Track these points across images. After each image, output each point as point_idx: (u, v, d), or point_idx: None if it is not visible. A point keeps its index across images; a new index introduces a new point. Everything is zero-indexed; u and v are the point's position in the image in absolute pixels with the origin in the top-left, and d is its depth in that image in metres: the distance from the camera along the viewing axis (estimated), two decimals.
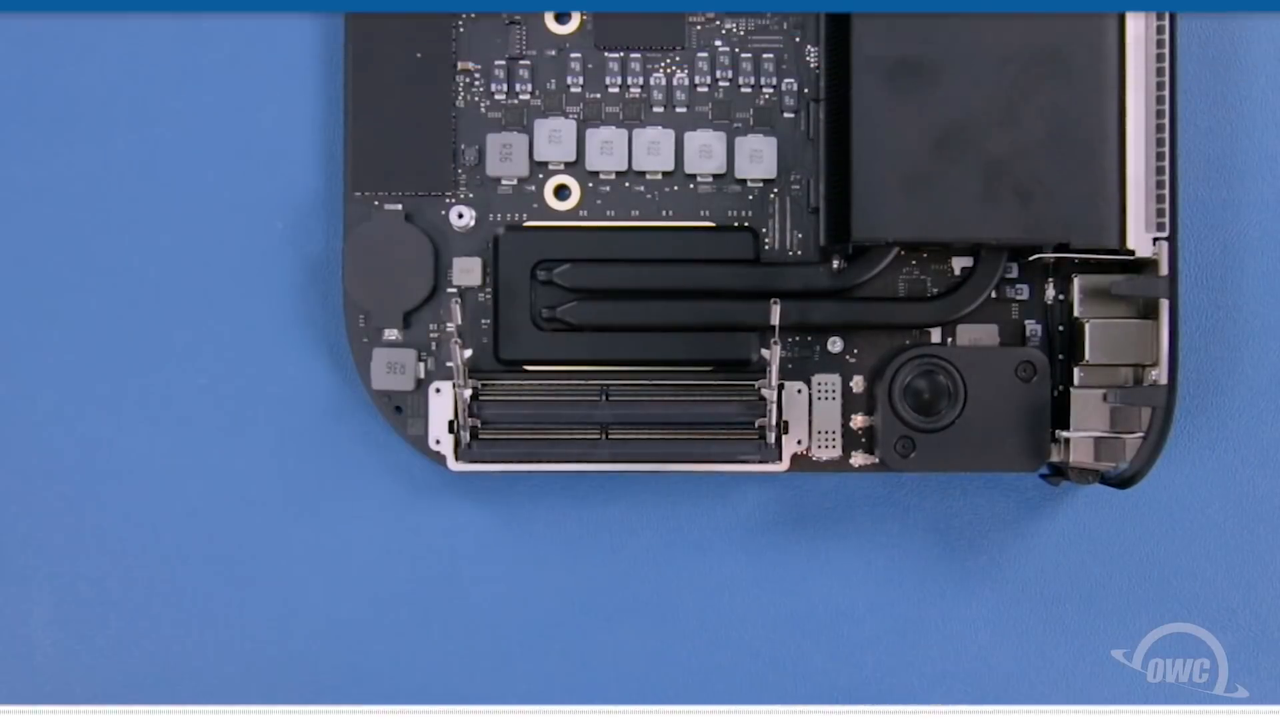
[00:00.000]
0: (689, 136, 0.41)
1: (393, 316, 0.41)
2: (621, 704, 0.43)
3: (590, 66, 0.42)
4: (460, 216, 0.41)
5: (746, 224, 0.42)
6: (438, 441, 0.41)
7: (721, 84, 0.42)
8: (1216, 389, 0.43)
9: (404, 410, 0.41)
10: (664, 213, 0.42)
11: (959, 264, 0.41)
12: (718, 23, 0.42)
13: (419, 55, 0.41)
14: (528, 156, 0.41)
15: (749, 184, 0.42)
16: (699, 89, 0.42)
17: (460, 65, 0.42)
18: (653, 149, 0.41)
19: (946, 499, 0.43)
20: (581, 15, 0.42)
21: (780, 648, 0.43)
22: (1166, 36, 0.38)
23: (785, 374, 0.41)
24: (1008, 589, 0.43)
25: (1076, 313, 0.40)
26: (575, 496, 0.43)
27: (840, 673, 0.43)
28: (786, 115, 0.42)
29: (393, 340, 0.41)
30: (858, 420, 0.42)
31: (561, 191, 0.42)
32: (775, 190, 0.42)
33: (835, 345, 0.42)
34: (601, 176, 0.42)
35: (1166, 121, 0.38)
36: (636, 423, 0.41)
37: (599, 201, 0.42)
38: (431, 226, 0.41)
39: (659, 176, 0.42)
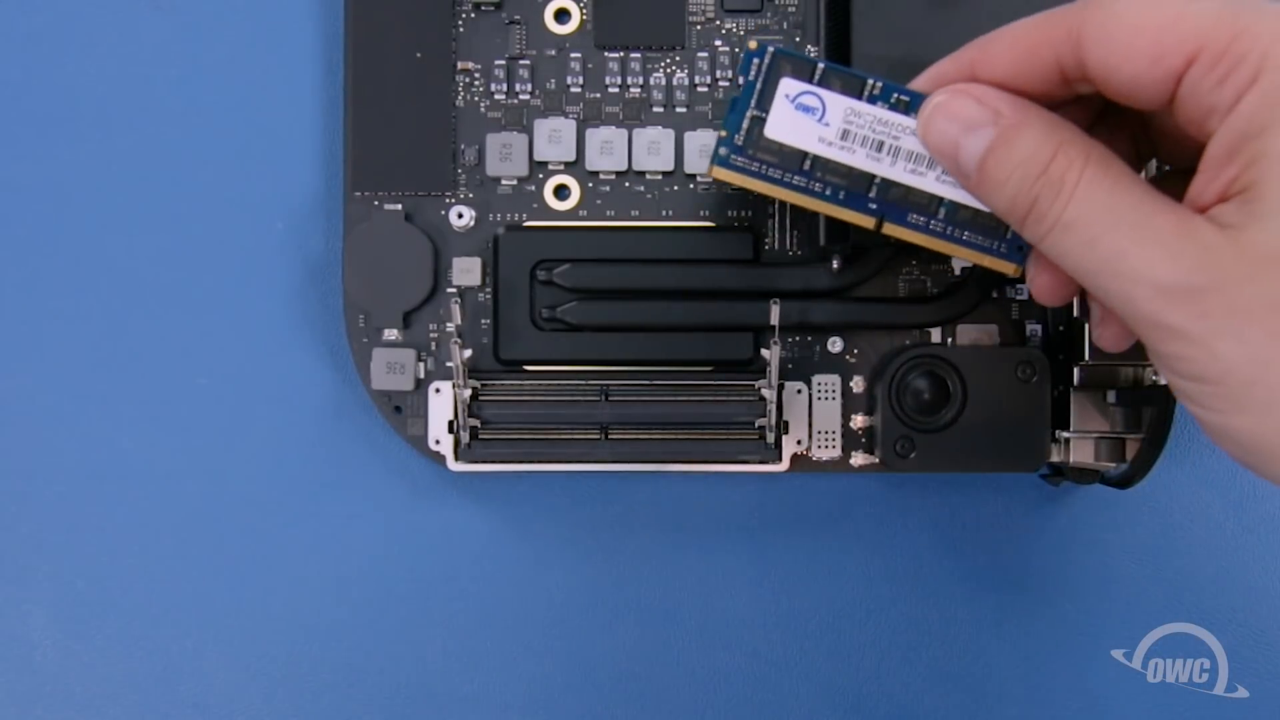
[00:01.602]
0: (689, 136, 0.41)
1: (393, 316, 0.41)
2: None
3: (590, 66, 0.42)
4: (460, 216, 0.41)
5: (746, 224, 0.42)
6: (438, 441, 0.41)
7: (721, 84, 0.42)
8: None
9: (404, 410, 0.41)
10: (664, 213, 0.42)
11: (959, 264, 0.41)
12: (717, 22, 0.42)
13: (419, 55, 0.41)
14: (528, 156, 0.41)
15: None
16: (699, 89, 0.42)
17: (460, 65, 0.42)
18: (653, 149, 0.41)
19: (946, 499, 0.43)
20: (581, 15, 0.42)
21: (780, 648, 0.43)
22: None
23: (785, 374, 0.41)
24: (1008, 589, 0.43)
25: (1076, 313, 0.40)
26: (575, 496, 0.43)
27: (840, 673, 0.43)
28: None
29: (393, 340, 0.41)
30: (858, 420, 0.42)
31: (561, 191, 0.42)
32: None
33: (835, 345, 0.42)
34: (601, 176, 0.42)
35: None
36: (636, 423, 0.41)
37: (599, 201, 0.42)
38: (431, 226, 0.41)
39: (659, 176, 0.42)
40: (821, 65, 0.33)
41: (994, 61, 0.31)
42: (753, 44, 0.33)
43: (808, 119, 0.33)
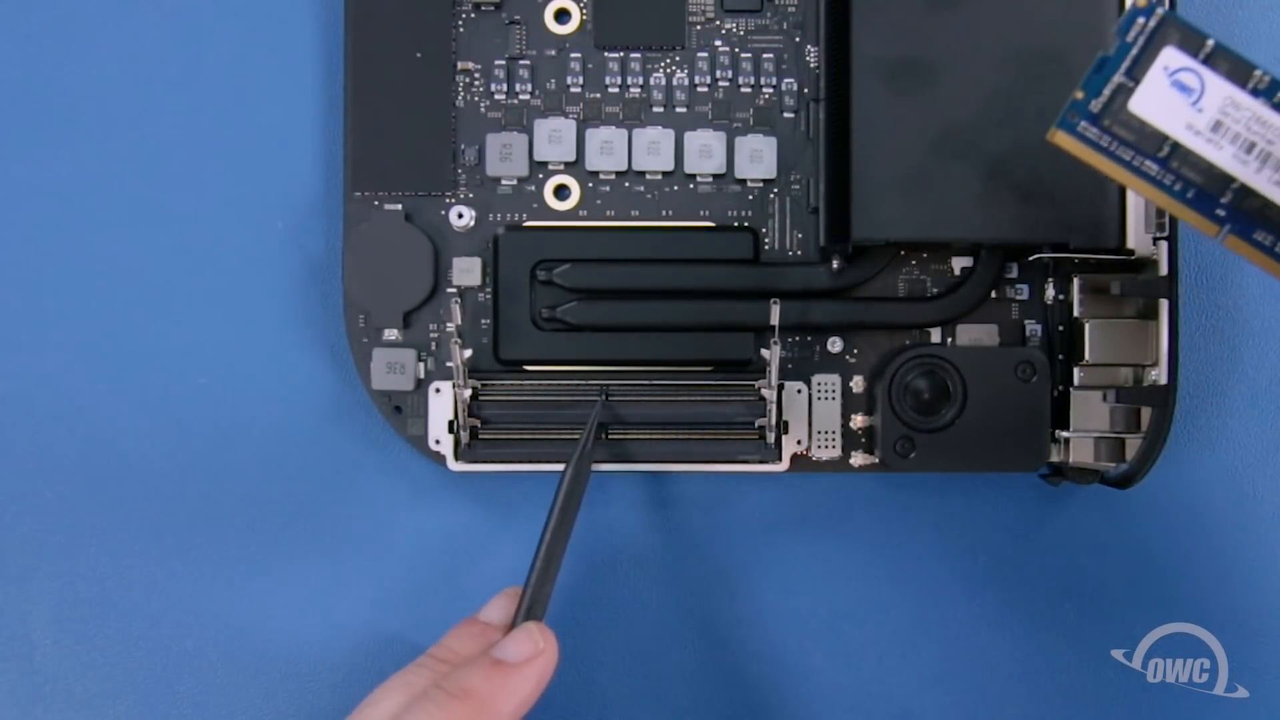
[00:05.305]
0: (689, 136, 0.41)
1: (393, 316, 0.41)
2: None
3: (590, 66, 0.42)
4: (460, 216, 0.41)
5: (746, 224, 0.42)
6: (438, 441, 0.41)
7: (721, 84, 0.42)
8: (1216, 389, 0.43)
9: (404, 410, 0.41)
10: (664, 213, 0.42)
11: (959, 264, 0.41)
12: (717, 23, 0.42)
13: (419, 55, 0.41)
14: (527, 156, 0.41)
15: (749, 184, 0.42)
16: (699, 89, 0.42)
17: (460, 65, 0.42)
18: (653, 149, 0.41)
19: (946, 499, 0.43)
20: (581, 15, 0.42)
21: (780, 648, 0.43)
22: None
23: (785, 374, 0.41)
24: (1008, 589, 0.43)
25: (1076, 313, 0.40)
26: None
27: (840, 673, 0.43)
28: (786, 115, 0.42)
29: (393, 340, 0.41)
30: (858, 420, 0.42)
31: (561, 191, 0.42)
32: (775, 190, 0.42)
33: (835, 345, 0.42)
34: (601, 176, 0.42)
35: None
36: (636, 423, 0.41)
37: (599, 201, 0.42)
38: (431, 226, 0.41)
39: (659, 176, 0.42)
40: (1211, 41, 0.29)
41: None
42: (1142, 0, 0.29)
43: (1182, 99, 0.29)
